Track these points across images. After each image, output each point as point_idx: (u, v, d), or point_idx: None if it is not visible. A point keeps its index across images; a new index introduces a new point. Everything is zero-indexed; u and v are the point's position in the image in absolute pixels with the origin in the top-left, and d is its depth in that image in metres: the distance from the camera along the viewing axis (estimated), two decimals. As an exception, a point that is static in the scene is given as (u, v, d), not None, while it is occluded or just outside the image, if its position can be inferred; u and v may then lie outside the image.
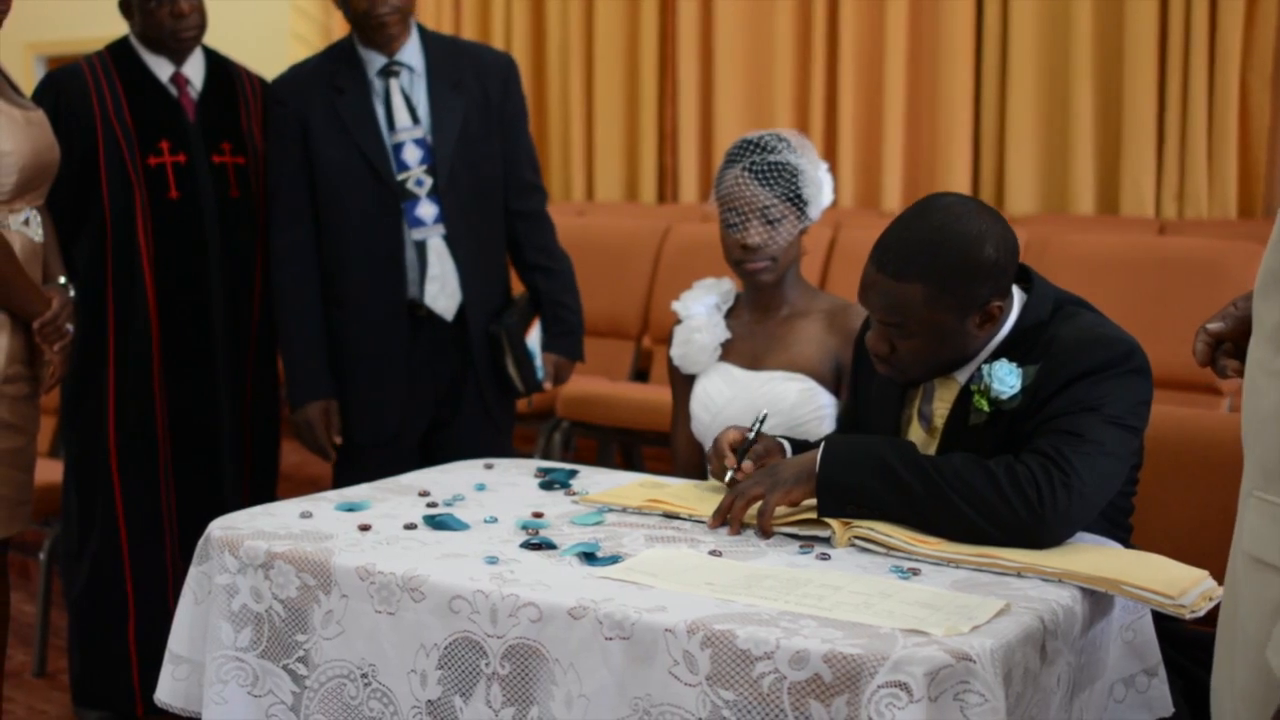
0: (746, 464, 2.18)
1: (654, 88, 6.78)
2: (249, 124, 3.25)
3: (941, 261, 1.99)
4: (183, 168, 3.15)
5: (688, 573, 1.81)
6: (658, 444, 4.56)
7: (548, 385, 3.24)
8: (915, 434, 2.18)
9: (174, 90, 3.18)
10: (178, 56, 3.18)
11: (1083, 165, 5.64)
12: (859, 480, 1.97)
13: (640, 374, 4.85)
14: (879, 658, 1.51)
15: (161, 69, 3.18)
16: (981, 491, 1.91)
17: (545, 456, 4.31)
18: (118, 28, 3.26)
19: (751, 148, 2.58)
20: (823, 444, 2.04)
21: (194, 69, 3.21)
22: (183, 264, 3.16)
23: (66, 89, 3.10)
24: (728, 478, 2.17)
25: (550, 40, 7.12)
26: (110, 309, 3.13)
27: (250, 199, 3.23)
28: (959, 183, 5.94)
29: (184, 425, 3.19)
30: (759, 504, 2.02)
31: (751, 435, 2.21)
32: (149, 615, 3.20)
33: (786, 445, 2.31)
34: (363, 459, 3.11)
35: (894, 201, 6.07)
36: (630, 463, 4.71)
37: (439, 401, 3.15)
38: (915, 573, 1.83)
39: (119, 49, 3.20)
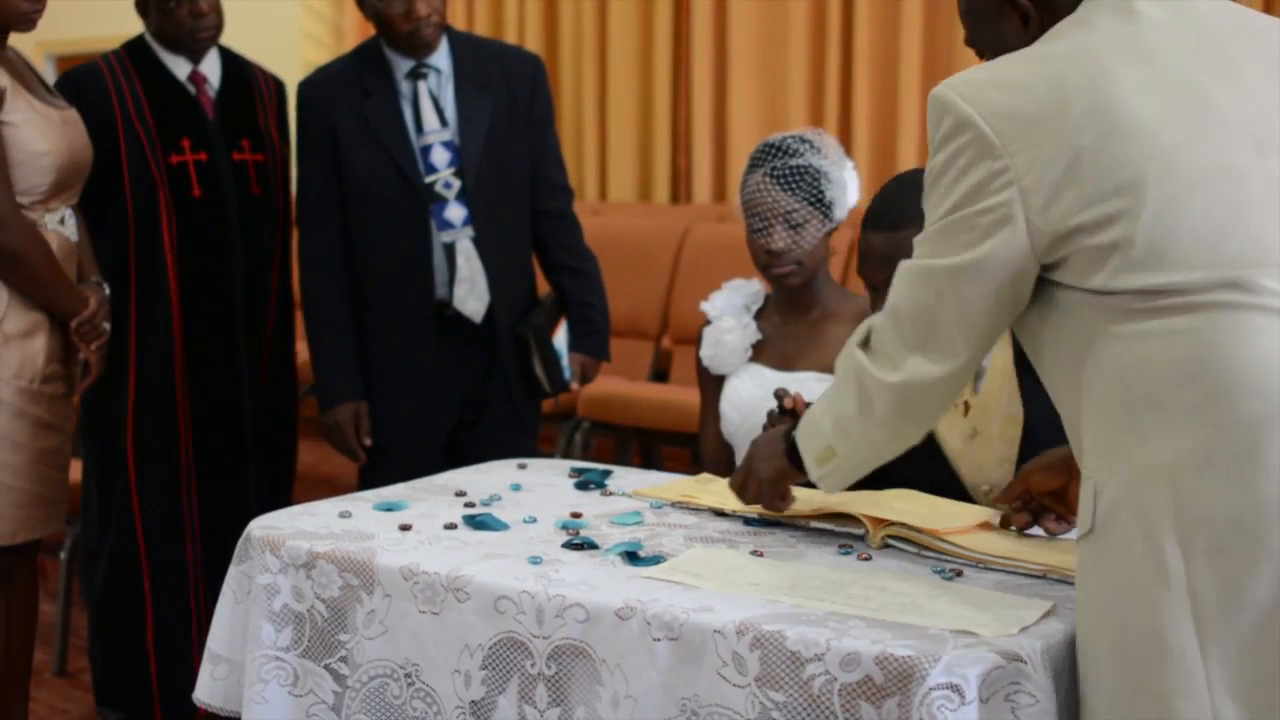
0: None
1: (668, 88, 6.78)
2: (266, 121, 3.26)
3: None
4: (204, 165, 3.15)
5: (732, 573, 1.81)
6: (676, 444, 4.57)
7: (575, 385, 3.25)
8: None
9: (192, 88, 3.18)
10: (195, 55, 3.18)
11: (1099, 166, 5.63)
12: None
13: (659, 374, 4.85)
14: (931, 659, 1.51)
15: (179, 68, 3.18)
16: None
17: (566, 456, 4.32)
18: (130, 26, 3.26)
19: (773, 151, 2.58)
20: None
21: (210, 67, 3.21)
22: (205, 262, 3.17)
23: (85, 88, 3.09)
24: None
25: (563, 40, 7.12)
26: (133, 307, 3.13)
27: (270, 196, 3.23)
28: (974, 183, 5.92)
29: (206, 424, 3.19)
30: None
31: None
32: (168, 615, 3.19)
33: None
34: (390, 460, 3.11)
35: (909, 202, 6.06)
36: (649, 462, 4.71)
37: (466, 402, 3.16)
38: (958, 574, 1.83)
39: (136, 48, 3.20)
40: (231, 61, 3.27)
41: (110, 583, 3.21)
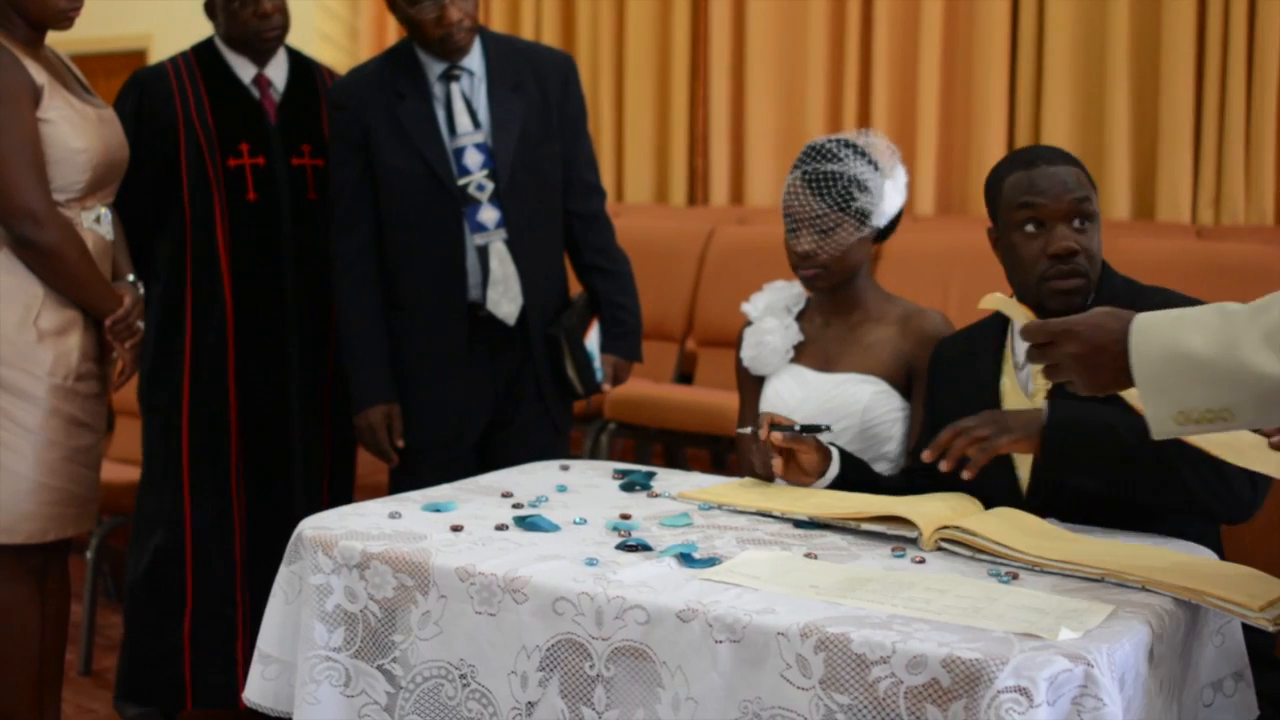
0: (777, 436, 2.27)
1: (685, 89, 6.79)
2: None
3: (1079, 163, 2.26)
4: (262, 170, 3.17)
5: (789, 575, 1.81)
6: (697, 445, 4.57)
7: (607, 387, 3.24)
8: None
9: (256, 92, 3.20)
10: (261, 57, 3.20)
11: (1119, 170, 5.64)
12: (1085, 437, 2.01)
13: (684, 377, 4.86)
14: (999, 662, 1.51)
15: (244, 70, 3.19)
16: (1205, 464, 1.95)
17: (592, 458, 4.32)
18: (135, 26, 3.27)
19: (812, 154, 2.59)
20: (1048, 403, 2.08)
21: (276, 70, 3.22)
22: (259, 266, 3.18)
23: (150, 89, 3.13)
24: (754, 434, 2.28)
25: (580, 40, 7.12)
26: (188, 309, 3.15)
27: (327, 201, 3.23)
28: (993, 187, 5.93)
29: (256, 427, 3.20)
30: (983, 444, 2.04)
31: (797, 428, 2.30)
32: (207, 612, 3.20)
33: (834, 453, 2.33)
34: (422, 461, 3.10)
35: (927, 205, 6.07)
36: (673, 464, 4.72)
37: (498, 403, 3.15)
38: (1014, 577, 1.83)
39: (203, 50, 3.23)
40: (299, 64, 3.28)
41: (150, 578, 3.22)
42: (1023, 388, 2.26)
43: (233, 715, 3.29)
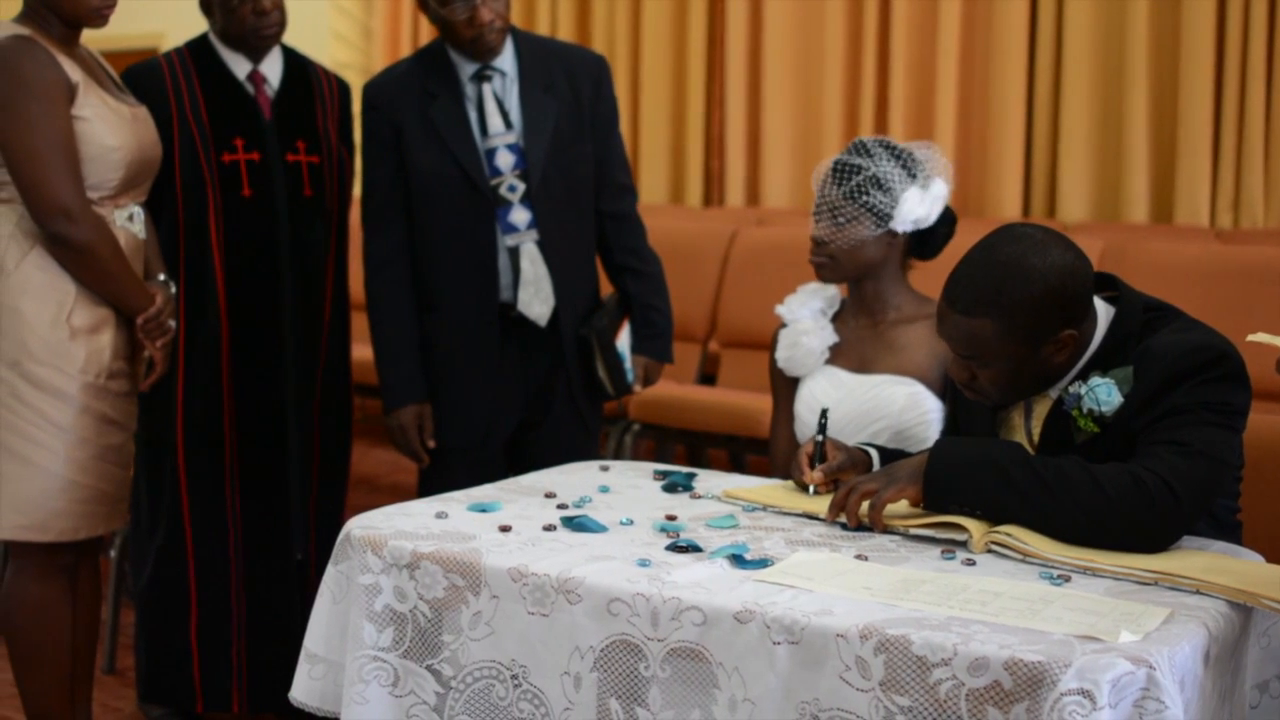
0: (817, 474, 2.25)
1: (701, 91, 6.78)
2: (325, 123, 3.25)
3: (1007, 297, 2.04)
4: (256, 165, 3.14)
5: (842, 576, 1.81)
6: (718, 445, 4.57)
7: (637, 388, 3.24)
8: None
9: (250, 88, 3.17)
10: (256, 54, 3.17)
11: (1137, 173, 5.64)
12: (967, 478, 2.01)
13: (707, 377, 4.86)
14: (1061, 664, 1.51)
15: (239, 66, 3.17)
16: (1091, 496, 1.95)
17: (616, 458, 4.32)
18: (147, 24, 3.24)
19: (852, 148, 2.62)
20: (934, 443, 2.09)
21: (271, 67, 3.20)
22: (254, 262, 3.16)
23: (143, 85, 3.09)
24: (810, 491, 2.25)
25: (596, 41, 7.11)
26: (181, 304, 3.13)
27: (323, 198, 3.23)
28: (1010, 190, 5.94)
29: (251, 423, 3.19)
30: (872, 499, 2.06)
31: (820, 438, 2.30)
32: (210, 611, 3.19)
33: (873, 454, 2.33)
34: (452, 461, 3.11)
35: (944, 207, 6.07)
36: (696, 465, 4.71)
37: (529, 403, 3.15)
38: (1066, 579, 1.84)
39: (198, 47, 3.20)
40: (294, 61, 3.26)
41: (156, 577, 3.22)
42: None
43: (276, 716, 3.29)
